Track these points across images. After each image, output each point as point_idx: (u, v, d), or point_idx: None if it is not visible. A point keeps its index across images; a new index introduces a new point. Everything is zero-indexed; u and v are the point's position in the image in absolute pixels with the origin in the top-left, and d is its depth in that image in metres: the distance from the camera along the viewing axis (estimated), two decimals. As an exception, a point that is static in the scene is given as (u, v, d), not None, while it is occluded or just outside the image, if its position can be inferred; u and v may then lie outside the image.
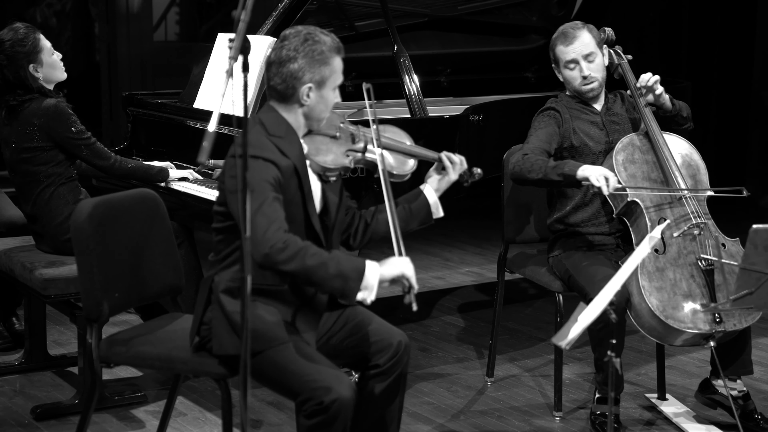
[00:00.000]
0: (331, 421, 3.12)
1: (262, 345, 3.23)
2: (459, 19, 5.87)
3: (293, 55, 3.22)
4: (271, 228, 3.06)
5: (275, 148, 3.22)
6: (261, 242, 3.05)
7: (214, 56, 5.01)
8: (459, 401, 4.51)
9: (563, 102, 4.32)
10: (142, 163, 4.61)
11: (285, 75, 3.23)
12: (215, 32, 5.13)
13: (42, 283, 4.19)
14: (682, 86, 5.79)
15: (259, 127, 3.26)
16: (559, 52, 4.24)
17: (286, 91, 3.25)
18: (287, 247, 3.06)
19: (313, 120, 3.32)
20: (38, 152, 4.37)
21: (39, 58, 4.42)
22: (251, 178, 3.01)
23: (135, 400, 4.40)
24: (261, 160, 3.16)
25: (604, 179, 3.92)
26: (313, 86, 3.25)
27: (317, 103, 3.28)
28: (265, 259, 3.06)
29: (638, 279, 3.94)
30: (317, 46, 3.24)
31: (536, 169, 4.06)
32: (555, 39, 4.27)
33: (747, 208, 8.24)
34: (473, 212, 7.85)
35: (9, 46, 4.40)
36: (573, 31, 4.23)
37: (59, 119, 4.33)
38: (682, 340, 3.98)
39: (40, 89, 4.40)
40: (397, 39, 4.95)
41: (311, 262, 3.07)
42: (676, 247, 4.03)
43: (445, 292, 6.20)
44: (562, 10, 6.17)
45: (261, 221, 3.06)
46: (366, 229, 3.53)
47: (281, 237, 3.07)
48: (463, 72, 5.98)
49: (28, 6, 9.48)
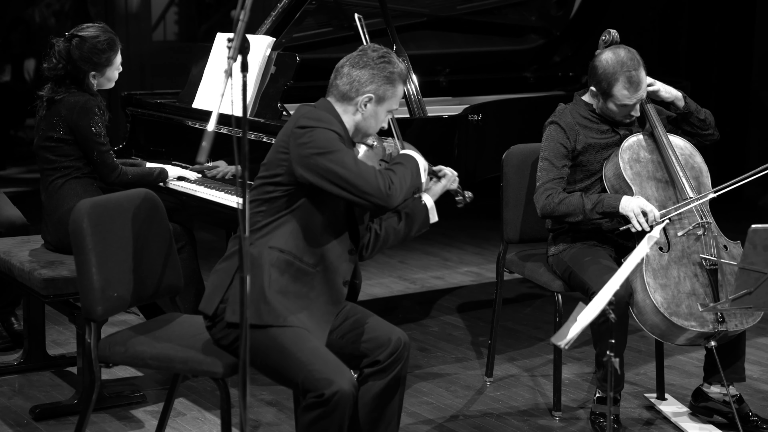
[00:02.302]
0: (331, 414, 3.14)
1: (273, 319, 3.26)
2: (458, 18, 5.87)
3: (367, 63, 3.38)
4: (376, 174, 3.29)
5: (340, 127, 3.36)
6: (377, 188, 3.27)
7: (212, 56, 5.01)
8: (458, 401, 4.51)
9: (570, 109, 4.27)
10: (140, 171, 4.59)
11: (353, 78, 3.38)
12: (214, 32, 5.13)
13: (41, 283, 4.19)
14: (681, 86, 5.78)
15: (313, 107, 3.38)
16: (619, 94, 4.08)
17: (348, 93, 3.38)
18: (393, 184, 3.32)
19: (360, 132, 3.45)
20: (60, 143, 4.39)
21: (104, 70, 4.46)
22: (329, 142, 3.27)
23: (134, 400, 4.40)
24: (334, 132, 3.32)
25: (642, 217, 3.95)
26: (373, 98, 3.39)
27: (370, 117, 3.42)
28: (388, 200, 3.30)
29: (643, 276, 3.94)
30: (390, 66, 3.41)
31: (575, 211, 4.07)
32: (615, 79, 4.06)
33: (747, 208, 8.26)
34: (472, 212, 7.85)
35: (87, 49, 4.41)
36: (638, 75, 4.07)
37: (83, 114, 4.35)
38: (684, 338, 3.98)
39: (87, 90, 4.43)
40: (396, 39, 4.95)
41: (406, 182, 3.38)
42: (680, 246, 4.04)
43: (445, 292, 6.20)
44: (561, 10, 6.17)
45: (366, 171, 3.27)
46: (377, 239, 3.60)
47: (385, 179, 3.31)
48: (461, 72, 5.98)
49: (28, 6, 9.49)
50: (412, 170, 3.43)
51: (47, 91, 4.44)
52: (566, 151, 4.17)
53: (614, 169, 4.16)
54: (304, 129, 3.29)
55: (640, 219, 3.96)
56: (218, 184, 4.62)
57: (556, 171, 4.15)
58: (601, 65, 4.12)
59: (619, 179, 4.13)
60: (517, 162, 4.54)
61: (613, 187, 4.16)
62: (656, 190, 4.14)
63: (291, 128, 3.32)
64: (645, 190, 4.11)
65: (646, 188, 4.12)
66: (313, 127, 3.28)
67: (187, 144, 4.89)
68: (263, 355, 3.25)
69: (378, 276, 6.44)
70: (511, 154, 4.54)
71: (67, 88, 4.41)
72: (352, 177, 3.24)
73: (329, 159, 3.24)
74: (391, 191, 3.30)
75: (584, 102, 4.27)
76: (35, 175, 4.58)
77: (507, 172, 4.54)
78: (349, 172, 3.24)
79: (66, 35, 4.47)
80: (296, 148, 3.28)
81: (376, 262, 6.63)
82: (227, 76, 2.74)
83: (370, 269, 6.52)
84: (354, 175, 3.24)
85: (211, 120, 2.70)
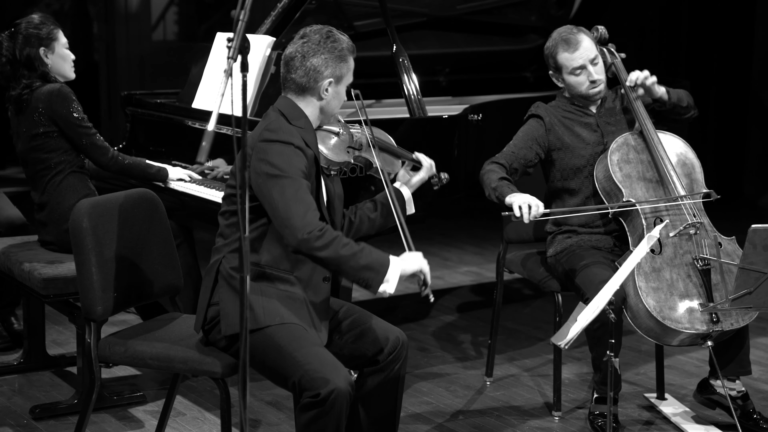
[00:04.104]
0: (327, 413, 3.14)
1: (269, 320, 3.27)
2: (458, 18, 5.87)
3: (316, 50, 3.33)
4: (309, 214, 3.17)
5: (300, 137, 3.30)
6: (299, 227, 3.15)
7: (212, 56, 5.01)
8: (458, 401, 4.51)
9: (554, 105, 4.32)
10: (139, 161, 4.59)
11: (308, 68, 3.34)
12: (214, 32, 5.13)
13: (41, 282, 4.19)
14: (681, 86, 5.78)
15: (279, 115, 3.34)
16: (563, 59, 4.20)
17: (307, 84, 3.35)
18: (324, 234, 3.16)
19: (326, 115, 3.43)
20: (46, 139, 4.38)
21: (51, 45, 4.47)
22: (285, 164, 3.19)
23: (134, 400, 4.40)
24: (293, 146, 3.26)
25: (527, 207, 3.91)
26: (333, 81, 3.36)
27: (333, 98, 3.40)
28: (301, 244, 3.16)
29: (635, 280, 3.94)
30: (337, 44, 3.37)
31: (486, 184, 4.11)
32: (555, 46, 4.22)
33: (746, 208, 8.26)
34: (472, 212, 7.85)
35: (24, 27, 4.47)
36: (574, 37, 4.20)
37: (61, 101, 4.35)
38: (679, 340, 3.97)
39: (45, 75, 4.43)
40: (396, 39, 4.94)
41: (344, 251, 3.18)
42: (672, 248, 4.03)
43: (445, 292, 6.20)
44: (561, 10, 6.17)
45: (298, 207, 3.16)
46: (351, 227, 3.61)
47: (318, 224, 3.18)
48: (461, 72, 5.98)
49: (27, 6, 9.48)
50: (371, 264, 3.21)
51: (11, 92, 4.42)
52: (531, 146, 4.23)
53: (604, 170, 4.16)
54: (264, 143, 3.26)
55: (523, 208, 3.90)
56: (218, 184, 4.62)
57: (511, 154, 4.22)
58: (546, 47, 4.27)
59: (609, 181, 4.14)
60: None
61: (603, 189, 4.17)
62: (647, 190, 4.13)
63: (255, 141, 3.28)
64: (635, 191, 4.11)
65: (636, 189, 4.11)
66: (272, 141, 3.25)
67: (187, 144, 4.89)
68: (261, 354, 3.25)
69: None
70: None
71: (26, 80, 4.40)
72: (282, 208, 3.17)
73: (273, 183, 3.20)
74: (311, 238, 3.14)
75: (566, 97, 4.33)
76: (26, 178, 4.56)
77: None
78: (282, 202, 3.17)
79: (6, 32, 4.50)
80: (255, 162, 3.25)
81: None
82: (227, 75, 2.74)
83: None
84: (284, 207, 3.17)
85: (211, 120, 2.70)
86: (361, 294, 5.99)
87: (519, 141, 4.26)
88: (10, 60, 4.44)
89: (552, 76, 4.30)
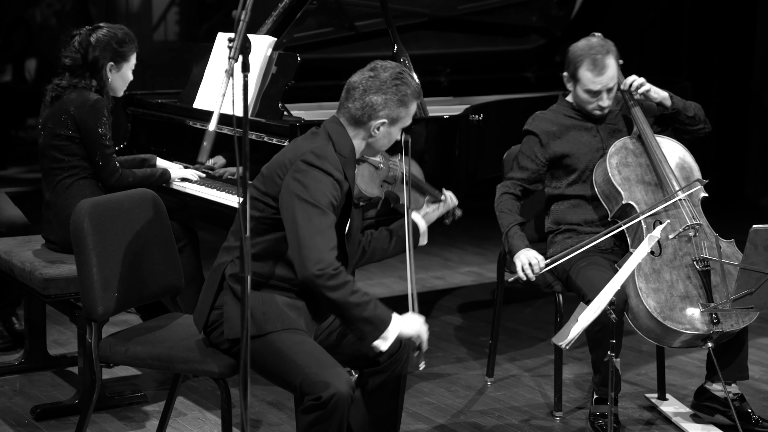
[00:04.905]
0: (328, 417, 3.14)
1: (270, 326, 3.26)
2: (459, 18, 5.87)
3: (380, 87, 3.29)
4: (329, 251, 3.14)
5: (341, 169, 3.27)
6: (315, 262, 3.11)
7: (213, 56, 5.01)
8: (459, 401, 4.51)
9: (554, 110, 4.31)
10: (141, 175, 4.57)
11: (366, 103, 3.30)
12: (215, 32, 5.13)
13: (42, 282, 4.19)
14: (682, 86, 5.79)
15: (328, 139, 3.30)
16: (584, 77, 4.16)
17: (361, 118, 3.32)
18: (337, 275, 3.13)
19: (371, 151, 3.41)
20: (67, 141, 4.39)
21: (120, 64, 4.48)
22: (320, 194, 3.15)
23: (135, 400, 4.40)
24: (332, 179, 3.22)
25: (528, 267, 4.02)
26: (386, 122, 3.33)
27: (383, 138, 3.37)
28: (312, 279, 3.12)
29: (635, 281, 3.94)
30: (404, 87, 3.33)
31: (502, 223, 4.21)
32: (581, 60, 4.15)
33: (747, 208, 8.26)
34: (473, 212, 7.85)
35: (109, 36, 4.45)
36: (602, 60, 4.13)
37: (92, 114, 4.35)
38: (679, 341, 3.97)
39: (100, 84, 4.44)
40: (397, 39, 4.95)
41: (353, 299, 3.16)
42: (671, 249, 4.03)
43: (445, 292, 6.20)
44: (562, 10, 6.17)
45: (320, 242, 3.13)
46: (363, 255, 3.62)
47: (335, 263, 3.14)
48: (462, 72, 5.98)
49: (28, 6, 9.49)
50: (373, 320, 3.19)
51: (57, 81, 4.44)
52: (535, 162, 4.27)
53: (603, 174, 4.17)
54: (306, 165, 3.22)
55: (526, 269, 4.03)
56: (220, 184, 4.62)
57: (520, 173, 4.28)
58: (571, 49, 4.23)
59: (608, 184, 4.14)
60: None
61: (603, 193, 4.17)
62: (645, 193, 4.14)
63: (296, 156, 3.25)
64: (634, 194, 4.11)
65: (635, 192, 4.12)
66: (314, 167, 3.21)
67: (188, 144, 4.89)
68: (262, 359, 3.25)
69: (379, 276, 6.44)
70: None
71: (82, 78, 4.41)
72: (303, 235, 3.14)
73: (302, 207, 3.17)
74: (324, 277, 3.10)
75: (568, 102, 4.32)
76: (36, 175, 4.58)
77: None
78: (306, 229, 3.14)
79: (88, 27, 4.51)
80: (290, 179, 3.22)
81: (376, 262, 6.62)
82: (228, 76, 2.74)
83: (371, 269, 6.52)
84: (307, 235, 3.13)
85: (212, 120, 2.70)
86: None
87: (522, 158, 4.29)
88: (83, 56, 4.42)
89: (564, 77, 4.27)
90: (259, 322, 3.27)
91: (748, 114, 8.92)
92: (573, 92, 4.26)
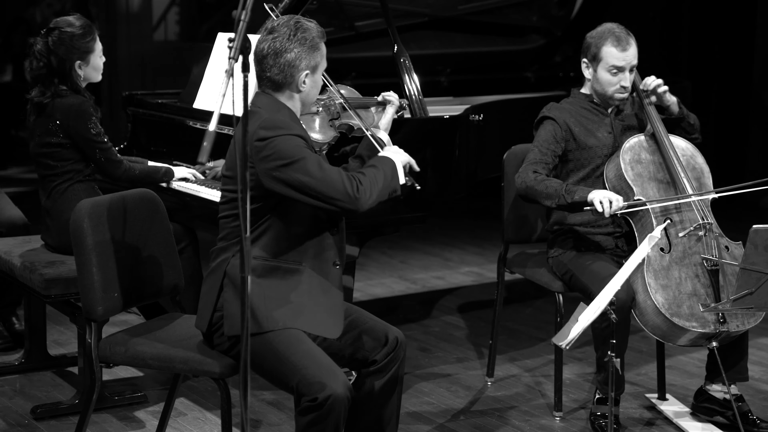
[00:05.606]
0: (325, 418, 3.14)
1: (270, 325, 3.27)
2: (459, 19, 5.87)
3: (288, 45, 3.31)
4: (343, 177, 3.26)
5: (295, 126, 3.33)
6: (348, 193, 3.24)
7: (213, 56, 5.01)
8: (459, 401, 4.51)
9: (569, 102, 4.31)
10: (147, 169, 4.58)
11: (282, 65, 3.32)
12: (215, 32, 5.13)
13: (42, 283, 4.19)
14: (682, 86, 5.79)
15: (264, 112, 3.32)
16: (607, 53, 4.16)
17: (284, 80, 3.34)
18: (361, 185, 3.28)
19: (306, 104, 3.45)
20: (59, 148, 4.37)
21: (87, 57, 4.42)
22: (293, 149, 3.23)
23: (135, 400, 4.40)
24: (293, 134, 3.28)
25: (607, 202, 3.92)
26: (309, 72, 3.36)
27: (311, 88, 3.40)
28: (356, 203, 3.27)
29: (644, 276, 3.94)
30: (307, 33, 3.35)
31: (552, 194, 4.04)
32: (602, 37, 4.18)
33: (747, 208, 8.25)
34: (473, 212, 7.86)
35: (68, 37, 4.37)
36: (626, 37, 4.17)
37: (80, 118, 4.33)
38: (686, 339, 3.98)
39: (75, 87, 4.40)
40: (397, 39, 4.94)
41: (378, 184, 3.32)
42: (681, 247, 4.04)
43: (445, 292, 6.20)
44: (562, 10, 6.17)
45: (331, 176, 3.24)
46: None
47: (353, 182, 3.27)
48: (463, 72, 5.98)
49: (28, 6, 9.48)
50: (386, 172, 3.38)
51: (35, 94, 4.39)
52: (556, 143, 4.20)
53: (615, 169, 4.16)
54: (264, 141, 3.24)
55: (604, 203, 3.92)
56: (220, 184, 4.61)
57: (542, 156, 4.19)
58: (590, 34, 4.26)
59: (620, 180, 4.14)
60: (518, 162, 4.52)
61: (614, 188, 4.16)
62: (657, 190, 4.14)
63: (251, 142, 3.26)
64: (646, 191, 4.12)
65: (647, 189, 4.12)
66: (272, 137, 3.24)
67: (188, 144, 4.89)
68: (260, 359, 3.25)
69: (379, 276, 6.44)
70: (512, 155, 4.55)
71: (55, 87, 4.36)
72: (318, 184, 3.22)
73: (294, 169, 3.21)
74: (360, 194, 3.26)
75: (583, 94, 4.30)
76: (36, 175, 4.57)
77: (508, 172, 4.54)
78: (314, 179, 3.22)
79: (42, 33, 4.44)
80: (260, 162, 3.24)
81: (376, 263, 6.63)
82: (228, 76, 2.74)
83: (371, 269, 6.52)
84: (319, 182, 3.22)
85: (212, 120, 2.70)
86: (361, 294, 6.00)
87: (542, 141, 4.22)
88: (47, 64, 4.36)
89: (583, 63, 4.25)
90: (260, 320, 3.27)
91: (748, 114, 8.92)
92: (593, 78, 4.24)
